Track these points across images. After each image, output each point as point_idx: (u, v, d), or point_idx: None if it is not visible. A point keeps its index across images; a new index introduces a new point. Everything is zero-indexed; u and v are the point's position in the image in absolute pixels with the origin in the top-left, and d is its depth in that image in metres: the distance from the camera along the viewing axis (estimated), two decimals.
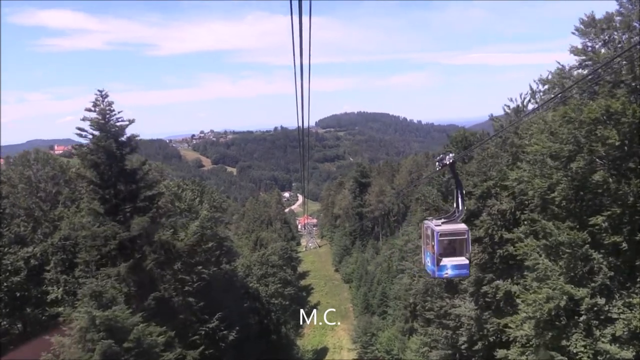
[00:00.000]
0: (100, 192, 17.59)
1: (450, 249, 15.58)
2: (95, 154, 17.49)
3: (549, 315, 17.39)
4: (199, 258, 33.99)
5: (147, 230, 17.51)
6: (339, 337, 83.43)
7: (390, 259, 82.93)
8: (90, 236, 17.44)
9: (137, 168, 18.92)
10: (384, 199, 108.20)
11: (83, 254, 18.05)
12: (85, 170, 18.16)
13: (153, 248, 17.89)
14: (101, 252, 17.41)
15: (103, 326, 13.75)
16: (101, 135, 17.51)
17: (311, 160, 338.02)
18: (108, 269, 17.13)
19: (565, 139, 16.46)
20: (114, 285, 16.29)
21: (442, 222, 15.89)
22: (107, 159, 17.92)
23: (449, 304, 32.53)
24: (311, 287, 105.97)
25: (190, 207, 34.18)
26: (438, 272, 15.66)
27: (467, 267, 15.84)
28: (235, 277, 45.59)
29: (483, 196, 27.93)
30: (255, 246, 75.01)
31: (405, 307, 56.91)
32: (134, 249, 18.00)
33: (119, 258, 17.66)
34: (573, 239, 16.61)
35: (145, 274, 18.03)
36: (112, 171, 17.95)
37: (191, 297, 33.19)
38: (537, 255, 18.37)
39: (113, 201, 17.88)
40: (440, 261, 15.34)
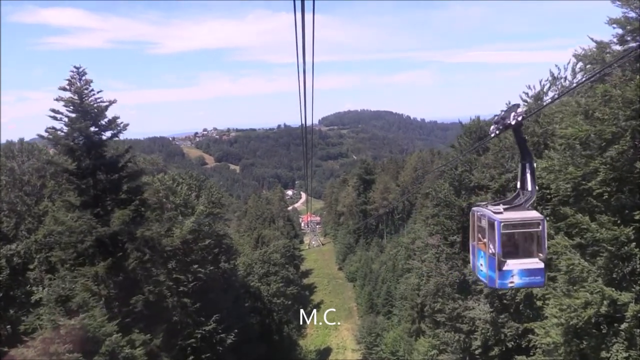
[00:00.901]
0: (75, 181, 15.52)
1: (517, 247, 11.35)
2: (70, 138, 15.42)
3: (587, 322, 15.20)
4: (195, 256, 31.98)
5: (129, 225, 15.44)
6: (343, 337, 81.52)
7: (395, 258, 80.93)
8: (65, 232, 15.37)
9: (119, 155, 16.81)
10: (389, 196, 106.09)
11: (58, 252, 15.96)
12: (60, 157, 16.07)
13: (136, 245, 15.81)
14: (77, 249, 15.34)
15: (70, 337, 11.73)
16: (76, 117, 15.44)
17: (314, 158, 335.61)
18: (84, 269, 15.06)
19: (609, 120, 14.16)
20: (89, 287, 14.26)
21: (505, 208, 11.55)
22: (84, 145, 15.86)
23: (462, 306, 30.37)
24: (314, 285, 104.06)
25: (186, 202, 32.09)
26: (500, 281, 11.21)
27: (543, 273, 11.30)
28: (235, 276, 43.53)
29: (501, 190, 25.72)
30: (256, 244, 72.96)
31: (412, 307, 54.82)
32: (116, 246, 15.93)
33: (98, 256, 15.59)
34: (616, 235, 14.39)
35: (127, 275, 15.95)
36: (90, 158, 15.87)
37: (187, 297, 31.27)
38: (571, 254, 16.13)
39: (91, 192, 15.79)
40: (503, 264, 11.02)
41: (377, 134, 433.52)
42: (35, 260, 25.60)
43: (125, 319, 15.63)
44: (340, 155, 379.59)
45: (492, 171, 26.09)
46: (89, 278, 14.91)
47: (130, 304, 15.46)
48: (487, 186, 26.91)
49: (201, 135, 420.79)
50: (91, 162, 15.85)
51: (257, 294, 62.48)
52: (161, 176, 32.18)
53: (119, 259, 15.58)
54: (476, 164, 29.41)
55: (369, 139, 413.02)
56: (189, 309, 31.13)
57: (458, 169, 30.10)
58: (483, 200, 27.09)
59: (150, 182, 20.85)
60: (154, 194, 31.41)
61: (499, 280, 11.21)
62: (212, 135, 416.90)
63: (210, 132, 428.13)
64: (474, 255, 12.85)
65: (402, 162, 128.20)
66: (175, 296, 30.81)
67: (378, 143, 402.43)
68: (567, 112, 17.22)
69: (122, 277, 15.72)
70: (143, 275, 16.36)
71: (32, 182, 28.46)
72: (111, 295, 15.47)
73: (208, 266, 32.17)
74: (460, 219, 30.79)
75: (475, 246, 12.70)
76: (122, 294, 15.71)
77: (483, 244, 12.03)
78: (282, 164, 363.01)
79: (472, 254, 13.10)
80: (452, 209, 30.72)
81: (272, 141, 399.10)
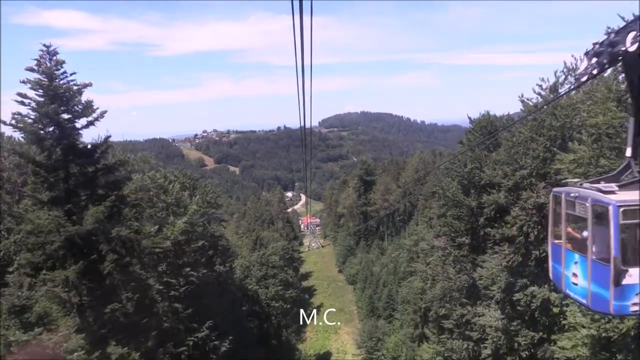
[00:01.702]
0: (43, 174, 13.70)
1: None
2: (39, 125, 13.60)
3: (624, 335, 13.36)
4: (188, 259, 30.12)
5: (104, 224, 13.62)
6: (343, 341, 79.70)
7: (396, 260, 79.16)
8: (33, 231, 13.55)
9: (96, 145, 14.97)
10: (390, 197, 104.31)
11: (25, 254, 14.13)
12: (27, 146, 14.23)
13: (112, 247, 13.98)
14: (45, 251, 13.52)
15: (25, 354, 9.94)
16: (45, 101, 13.61)
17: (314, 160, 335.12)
18: (52, 274, 13.23)
19: None
20: (57, 295, 12.44)
21: (618, 185, 7.85)
22: (54, 132, 14.05)
23: (471, 312, 28.49)
24: (314, 288, 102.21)
25: (178, 201, 30.23)
26: (618, 302, 7.32)
27: None
28: (231, 279, 41.64)
29: (515, 188, 23.88)
30: (255, 246, 71.06)
31: (415, 311, 52.94)
32: (90, 247, 14.09)
33: (69, 259, 13.75)
34: None
35: (102, 280, 14.12)
36: (60, 148, 14.04)
37: (178, 302, 29.40)
38: None
39: (61, 186, 13.96)
40: (622, 275, 7.18)
41: (377, 136, 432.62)
42: (14, 263, 23.83)
43: (101, 329, 13.79)
44: (340, 157, 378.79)
45: (505, 168, 24.23)
46: (58, 284, 13.09)
47: (106, 313, 13.63)
48: (499, 184, 25.06)
49: (201, 137, 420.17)
50: (62, 153, 14.02)
51: (255, 297, 60.71)
52: (152, 174, 30.35)
53: (92, 262, 13.77)
54: (486, 160, 27.59)
55: (369, 141, 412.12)
56: (181, 314, 29.24)
57: (467, 166, 28.25)
58: (494, 200, 25.32)
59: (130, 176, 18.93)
60: (146, 192, 29.62)
61: (615, 301, 7.26)
62: (211, 137, 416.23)
63: (210, 133, 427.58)
64: (559, 260, 8.89)
65: (403, 163, 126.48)
66: (166, 301, 28.96)
67: (378, 145, 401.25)
68: (596, 99, 15.38)
69: (97, 282, 13.88)
70: (121, 281, 14.54)
71: (13, 179, 26.65)
72: (84, 303, 13.66)
73: (201, 269, 30.28)
74: (469, 219, 28.94)
75: (562, 247, 8.78)
76: (97, 302, 13.88)
77: (577, 243, 8.37)
78: (282, 165, 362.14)
79: (552, 259, 9.26)
80: (460, 209, 28.85)
81: (272, 143, 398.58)
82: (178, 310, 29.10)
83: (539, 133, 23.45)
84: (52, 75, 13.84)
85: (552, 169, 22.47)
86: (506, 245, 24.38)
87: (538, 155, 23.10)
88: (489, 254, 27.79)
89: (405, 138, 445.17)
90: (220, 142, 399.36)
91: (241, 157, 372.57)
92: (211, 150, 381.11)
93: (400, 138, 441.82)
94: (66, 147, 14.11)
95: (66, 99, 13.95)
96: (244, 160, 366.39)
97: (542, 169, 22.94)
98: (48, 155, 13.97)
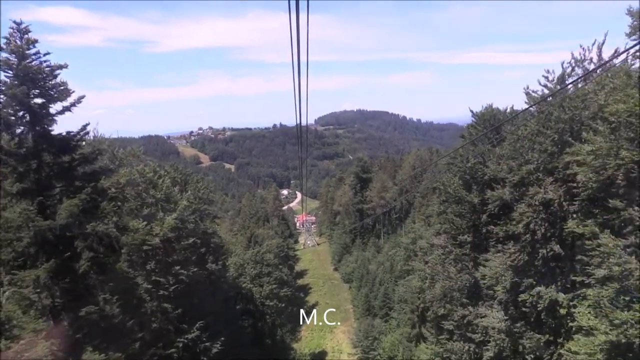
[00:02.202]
0: (12, 163, 12.39)
1: None
2: (7, 109, 12.27)
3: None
4: (178, 256, 28.87)
5: (79, 218, 12.34)
6: (338, 340, 78.58)
7: (393, 259, 78.16)
8: (2, 227, 12.27)
9: (74, 134, 13.67)
10: (386, 195, 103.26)
11: None
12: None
13: (87, 243, 12.71)
14: (15, 248, 12.24)
15: None
16: (13, 82, 12.29)
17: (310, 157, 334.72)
18: (21, 273, 11.96)
19: None
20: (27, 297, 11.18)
21: None
22: (24, 118, 12.73)
23: (473, 313, 27.38)
24: (309, 286, 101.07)
25: (168, 197, 28.95)
26: None
27: None
28: (223, 277, 40.38)
29: (521, 183, 22.74)
30: (249, 243, 69.70)
31: (412, 311, 51.85)
32: (65, 245, 12.82)
33: (41, 257, 12.48)
34: None
35: (77, 280, 12.85)
36: (32, 135, 12.74)
37: (168, 302, 28.15)
38: (627, 257, 13.15)
39: (32, 177, 12.66)
40: None
41: (374, 134, 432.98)
42: None
43: (76, 334, 12.55)
44: (336, 155, 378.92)
45: (511, 162, 23.09)
46: (28, 284, 11.83)
47: (81, 317, 12.36)
48: (504, 179, 23.94)
49: (196, 134, 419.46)
50: (34, 140, 12.72)
51: (249, 296, 59.54)
52: (141, 168, 29.04)
53: (66, 261, 12.50)
54: (490, 155, 26.46)
55: (365, 139, 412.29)
56: (170, 314, 28.01)
57: (470, 161, 27.10)
58: (499, 196, 24.17)
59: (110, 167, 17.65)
60: (134, 187, 28.36)
61: None
62: (207, 134, 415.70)
63: (206, 131, 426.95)
64: None
65: (399, 160, 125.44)
66: (155, 301, 27.74)
67: (374, 143, 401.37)
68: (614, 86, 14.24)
69: (71, 282, 12.62)
70: (99, 281, 13.28)
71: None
72: (57, 305, 12.40)
73: (192, 267, 29.01)
74: (472, 216, 27.82)
75: None
76: (72, 304, 12.63)
77: None
78: (278, 163, 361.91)
79: None
80: (462, 206, 27.71)
81: (268, 140, 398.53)
82: (167, 311, 27.87)
83: (546, 126, 22.33)
84: (22, 54, 12.53)
85: (561, 164, 21.39)
86: (511, 243, 23.26)
87: (545, 149, 21.98)
88: (492, 253, 26.71)
89: (401, 136, 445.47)
90: (216, 140, 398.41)
91: (237, 154, 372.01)
92: (207, 148, 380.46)
93: (396, 136, 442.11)
94: (39, 134, 12.81)
95: (38, 81, 12.65)
96: (240, 157, 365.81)
97: (550, 163, 21.83)
98: (19, 143, 12.68)
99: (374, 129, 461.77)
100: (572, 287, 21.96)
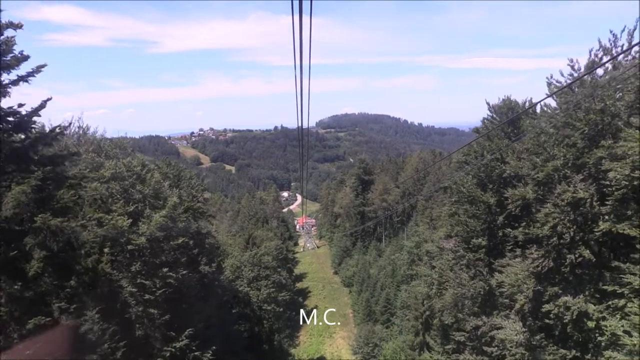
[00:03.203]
0: None
1: None
2: None
3: None
4: (166, 258, 26.52)
5: (30, 209, 10.07)
6: (338, 346, 76.19)
7: (395, 263, 75.85)
8: None
9: (34, 109, 11.38)
10: (388, 197, 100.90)
11: None
12: None
13: (38, 240, 10.44)
14: None
15: None
16: None
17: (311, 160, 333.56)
18: None
19: None
20: None
21: None
22: None
23: (487, 324, 25.02)
24: (308, 290, 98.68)
25: (156, 193, 26.66)
26: None
27: None
28: (218, 280, 38.02)
29: (546, 181, 20.44)
30: (247, 245, 67.34)
31: (416, 318, 49.61)
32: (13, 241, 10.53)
33: None
34: None
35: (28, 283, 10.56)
36: None
37: (154, 307, 25.82)
38: None
39: None
40: None
41: (375, 138, 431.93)
42: None
43: (26, 350, 10.27)
44: (337, 158, 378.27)
45: (534, 158, 20.78)
46: None
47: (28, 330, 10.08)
48: (526, 176, 21.63)
49: (197, 135, 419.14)
50: None
51: (246, 299, 57.25)
52: (128, 161, 26.75)
53: (12, 260, 10.23)
54: (507, 151, 24.15)
55: (366, 142, 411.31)
56: (157, 321, 25.66)
57: (485, 157, 24.80)
58: (521, 194, 21.85)
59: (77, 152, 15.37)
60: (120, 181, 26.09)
61: None
62: (208, 135, 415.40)
63: (207, 131, 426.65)
64: None
65: (401, 162, 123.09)
66: (140, 305, 25.41)
67: (375, 146, 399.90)
68: None
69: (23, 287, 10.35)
70: (52, 285, 11.00)
71: None
72: (1, 315, 10.11)
73: (181, 270, 26.66)
74: (487, 217, 25.49)
75: None
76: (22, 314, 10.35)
77: None
78: (278, 165, 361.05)
79: None
80: (476, 206, 25.40)
81: (269, 142, 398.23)
82: (154, 316, 25.53)
83: (575, 118, 20.04)
84: None
85: (592, 159, 19.11)
86: (534, 247, 20.94)
87: (574, 144, 19.70)
88: (508, 258, 24.42)
89: (402, 140, 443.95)
90: (217, 141, 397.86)
91: (237, 155, 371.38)
92: (207, 149, 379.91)
93: (397, 140, 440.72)
94: None
95: None
96: (240, 159, 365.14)
97: (579, 159, 19.55)
98: None
99: (375, 132, 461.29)
100: (601, 297, 19.67)
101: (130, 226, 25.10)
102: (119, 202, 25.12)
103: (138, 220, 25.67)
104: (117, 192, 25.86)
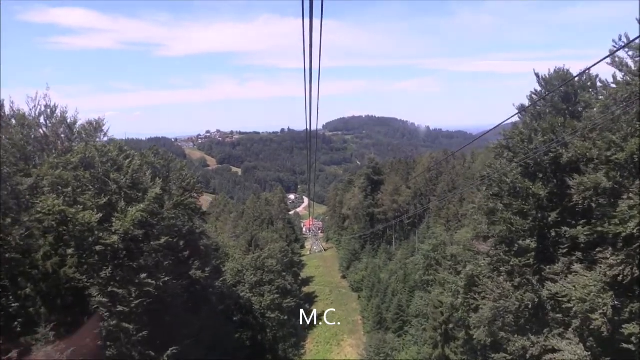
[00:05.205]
0: None
1: None
2: None
3: None
4: (145, 261, 22.02)
5: None
6: (346, 354, 71.43)
7: (406, 267, 71.08)
8: None
9: None
10: (399, 198, 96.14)
11: None
12: None
13: None
14: None
15: None
16: None
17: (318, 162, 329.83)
18: None
19: None
20: None
21: None
22: None
23: (538, 345, 20.23)
24: (315, 295, 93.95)
25: (134, 183, 22.21)
26: None
27: None
28: (212, 287, 33.46)
29: (629, 164, 15.69)
30: (249, 247, 62.80)
31: (435, 328, 44.85)
32: None
33: None
34: None
35: None
36: None
37: (130, 321, 21.36)
38: None
39: None
40: None
41: (382, 140, 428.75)
42: None
43: None
44: (344, 160, 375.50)
45: (610, 135, 16.01)
46: None
47: None
48: (595, 158, 16.89)
49: (204, 137, 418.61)
50: None
51: (248, 306, 52.85)
52: (101, 144, 22.37)
53: None
54: (565, 130, 19.40)
55: (373, 145, 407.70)
56: (133, 337, 21.19)
57: (535, 140, 20.06)
58: (595, 182, 17.09)
59: None
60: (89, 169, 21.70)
61: None
62: (215, 137, 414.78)
63: (213, 134, 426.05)
64: None
65: (412, 162, 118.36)
66: (113, 319, 20.93)
67: (382, 149, 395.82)
68: None
69: None
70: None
71: None
72: None
73: (163, 276, 22.16)
74: (536, 214, 20.70)
75: None
76: None
77: None
78: (285, 167, 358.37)
79: None
80: (524, 201, 20.62)
81: (276, 145, 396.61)
82: (129, 332, 21.06)
83: None
84: None
85: None
86: (608, 251, 16.18)
87: None
88: (563, 263, 19.68)
89: (409, 143, 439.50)
90: (224, 143, 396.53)
91: (244, 158, 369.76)
92: (214, 151, 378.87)
93: (404, 143, 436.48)
94: None
95: None
96: (247, 161, 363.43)
97: None
98: None
99: (382, 135, 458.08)
100: None
101: (101, 222, 20.81)
102: (87, 194, 20.79)
103: (111, 215, 21.32)
104: (88, 181, 21.53)
